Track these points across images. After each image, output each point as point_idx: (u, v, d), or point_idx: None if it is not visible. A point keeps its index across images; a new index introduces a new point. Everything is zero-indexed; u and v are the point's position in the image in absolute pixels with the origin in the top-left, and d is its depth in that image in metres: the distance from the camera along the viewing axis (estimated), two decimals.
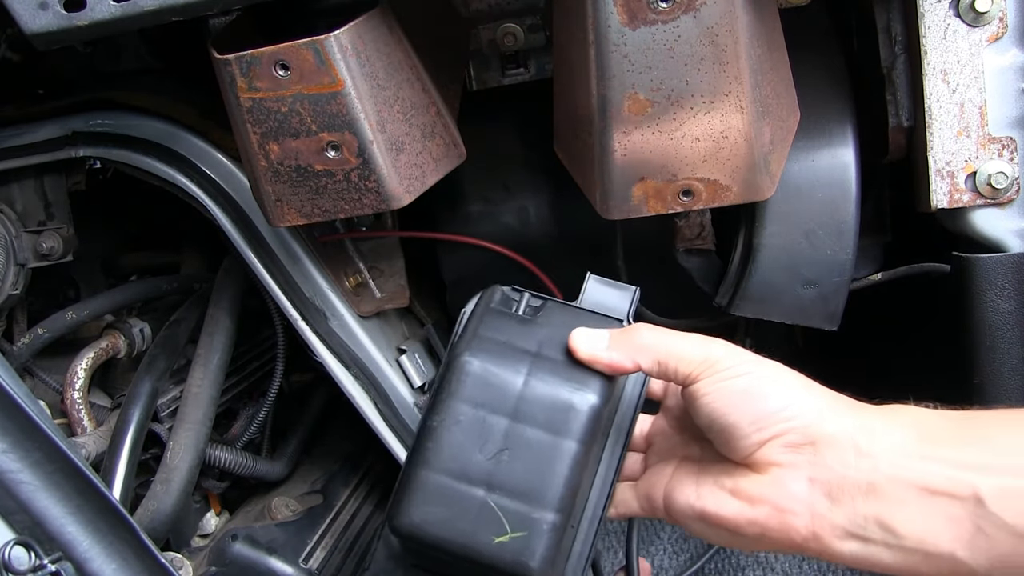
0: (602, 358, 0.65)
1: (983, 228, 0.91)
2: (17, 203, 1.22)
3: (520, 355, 0.65)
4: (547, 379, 0.64)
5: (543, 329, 0.68)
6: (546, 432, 0.62)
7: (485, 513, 0.61)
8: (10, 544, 0.69)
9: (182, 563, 1.12)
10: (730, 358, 0.61)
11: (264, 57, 0.78)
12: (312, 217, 0.90)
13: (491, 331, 0.66)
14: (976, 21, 0.86)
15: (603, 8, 0.74)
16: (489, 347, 0.65)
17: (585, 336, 0.66)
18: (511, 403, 0.63)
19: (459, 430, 0.62)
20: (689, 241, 1.09)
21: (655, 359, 0.63)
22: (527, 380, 0.64)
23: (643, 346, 0.64)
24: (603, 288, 0.74)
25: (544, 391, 0.63)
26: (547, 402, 0.63)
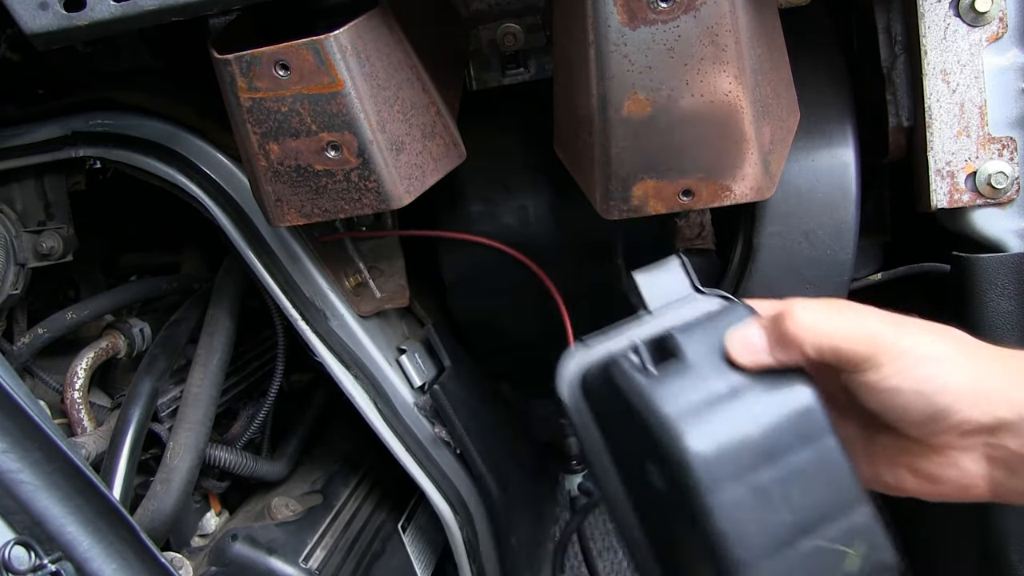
0: (769, 363, 0.61)
1: (983, 228, 0.91)
2: (17, 203, 1.22)
3: (716, 403, 0.59)
4: (758, 406, 0.59)
5: (696, 364, 0.61)
6: (803, 446, 0.59)
7: (822, 556, 0.58)
8: (10, 544, 0.69)
9: (182, 563, 1.12)
10: (897, 342, 0.58)
11: (264, 57, 0.78)
12: (312, 217, 0.90)
13: (668, 403, 0.59)
14: (976, 21, 0.86)
15: (603, 8, 0.74)
16: (689, 420, 0.58)
17: (740, 344, 0.61)
18: (755, 448, 0.58)
19: (744, 512, 0.57)
20: (689, 241, 1.09)
21: (818, 350, 0.59)
22: (749, 423, 0.59)
23: (803, 339, 0.59)
24: (653, 277, 0.68)
25: (769, 418, 0.59)
26: (781, 424, 0.59)
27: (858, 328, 0.59)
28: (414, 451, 1.15)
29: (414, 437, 1.15)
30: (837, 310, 0.61)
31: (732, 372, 0.60)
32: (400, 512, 1.42)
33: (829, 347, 0.59)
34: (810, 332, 0.59)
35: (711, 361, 0.61)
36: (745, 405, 0.59)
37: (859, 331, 0.59)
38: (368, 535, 1.32)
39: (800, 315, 0.60)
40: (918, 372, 0.57)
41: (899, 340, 0.58)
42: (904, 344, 0.58)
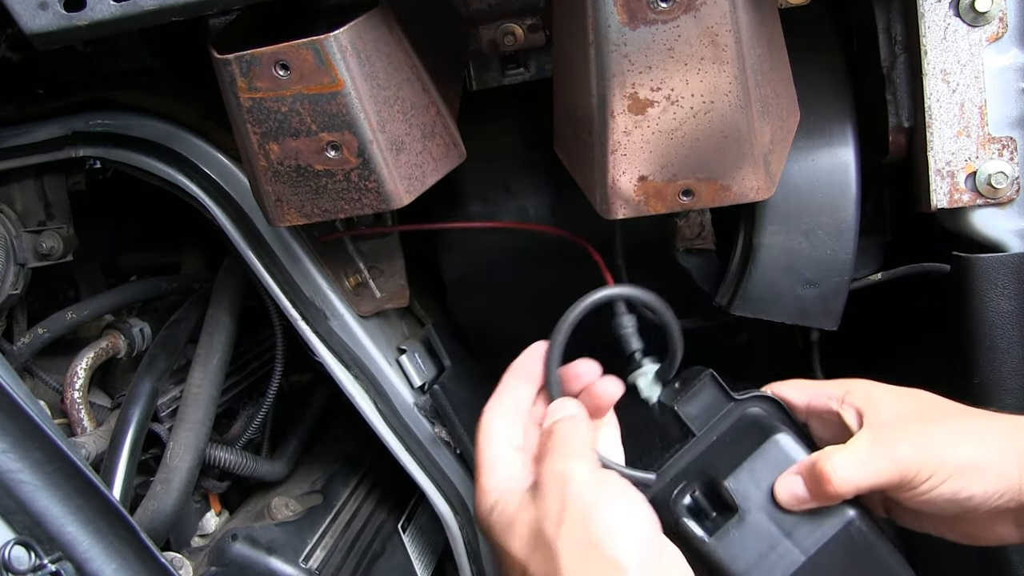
0: (811, 507, 0.69)
1: (983, 228, 0.91)
2: (17, 203, 1.22)
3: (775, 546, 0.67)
4: (811, 540, 0.67)
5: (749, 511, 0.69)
6: (853, 565, 0.67)
7: None
8: (10, 544, 0.69)
9: (182, 563, 1.12)
10: (925, 466, 0.65)
11: (264, 57, 0.78)
12: (312, 217, 0.90)
13: (737, 561, 0.67)
14: (976, 21, 0.86)
15: (603, 8, 0.74)
16: (757, 569, 0.67)
17: (788, 496, 0.69)
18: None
19: None
20: (689, 241, 1.09)
21: (855, 491, 0.67)
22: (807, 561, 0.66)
23: (840, 493, 0.66)
24: (692, 402, 0.75)
25: (827, 550, 0.67)
26: (835, 550, 0.67)
27: (889, 465, 0.66)
28: (414, 451, 1.15)
29: (414, 437, 1.15)
30: (869, 451, 0.67)
31: (785, 515, 0.68)
32: (400, 512, 1.42)
33: (867, 488, 0.66)
34: (847, 484, 0.66)
35: (762, 505, 0.69)
36: (800, 543, 0.67)
37: (890, 467, 0.66)
38: (368, 535, 1.32)
39: (838, 474, 0.67)
40: (947, 488, 0.64)
41: (928, 461, 0.65)
42: (933, 464, 0.65)
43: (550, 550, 0.61)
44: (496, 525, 0.67)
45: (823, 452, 0.68)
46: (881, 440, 0.67)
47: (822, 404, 0.74)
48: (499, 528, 0.66)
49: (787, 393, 0.76)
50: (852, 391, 0.73)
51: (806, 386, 0.76)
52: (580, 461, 0.66)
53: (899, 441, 0.67)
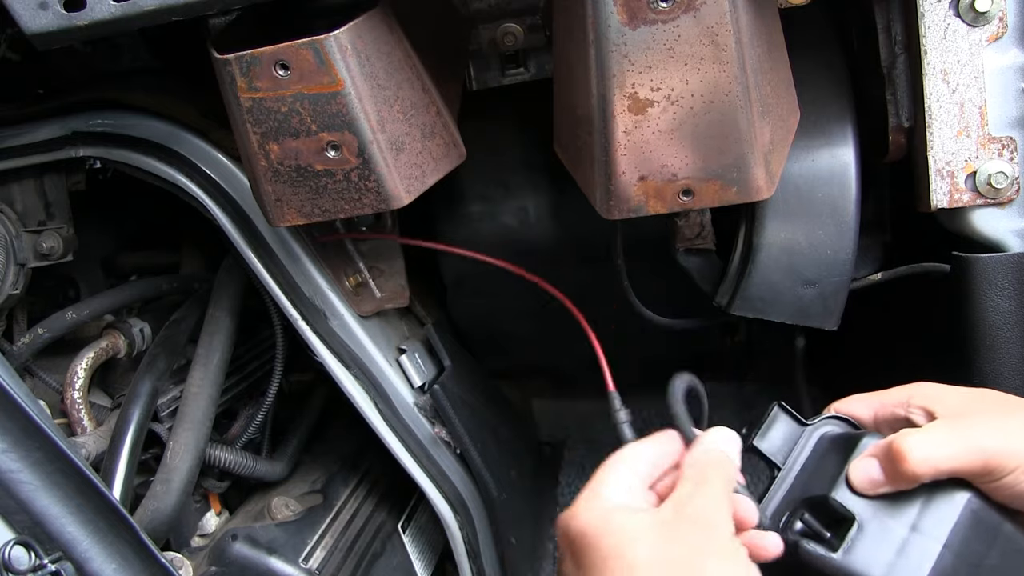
0: (886, 491, 0.67)
1: (983, 228, 0.91)
2: (17, 203, 1.22)
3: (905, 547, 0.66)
4: (940, 531, 0.65)
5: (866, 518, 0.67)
6: (990, 547, 0.65)
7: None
8: (10, 544, 0.69)
9: (182, 563, 1.12)
10: (1008, 459, 0.63)
11: (264, 57, 0.78)
12: (312, 217, 0.90)
13: (871, 570, 0.66)
14: (976, 21, 0.86)
15: (603, 8, 0.74)
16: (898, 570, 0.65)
17: (860, 472, 0.68)
18: (965, 566, 0.64)
19: None
20: (689, 241, 1.09)
21: (936, 475, 0.65)
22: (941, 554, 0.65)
23: (917, 474, 0.65)
24: (768, 436, 0.75)
25: (956, 538, 0.65)
26: (967, 537, 0.65)
27: (970, 450, 0.64)
28: (414, 451, 1.15)
29: (414, 437, 1.15)
30: (947, 435, 0.66)
31: (902, 512, 0.66)
32: (400, 512, 1.42)
33: (947, 471, 0.65)
34: (925, 464, 0.65)
35: (877, 509, 0.67)
36: (929, 537, 0.65)
37: (972, 453, 0.64)
38: (368, 535, 1.32)
39: (912, 450, 0.65)
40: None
41: (1013, 455, 0.63)
42: (1018, 456, 0.63)
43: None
44: (610, 530, 0.62)
45: (899, 433, 0.67)
46: (959, 426, 0.66)
47: (888, 413, 0.73)
48: (612, 535, 0.62)
49: (852, 408, 0.76)
50: (915, 394, 0.72)
51: (868, 398, 0.75)
52: (725, 513, 0.63)
53: (979, 428, 0.65)
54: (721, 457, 0.67)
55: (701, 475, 0.65)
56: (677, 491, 0.64)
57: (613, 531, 0.61)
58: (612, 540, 0.61)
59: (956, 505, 0.65)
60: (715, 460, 0.67)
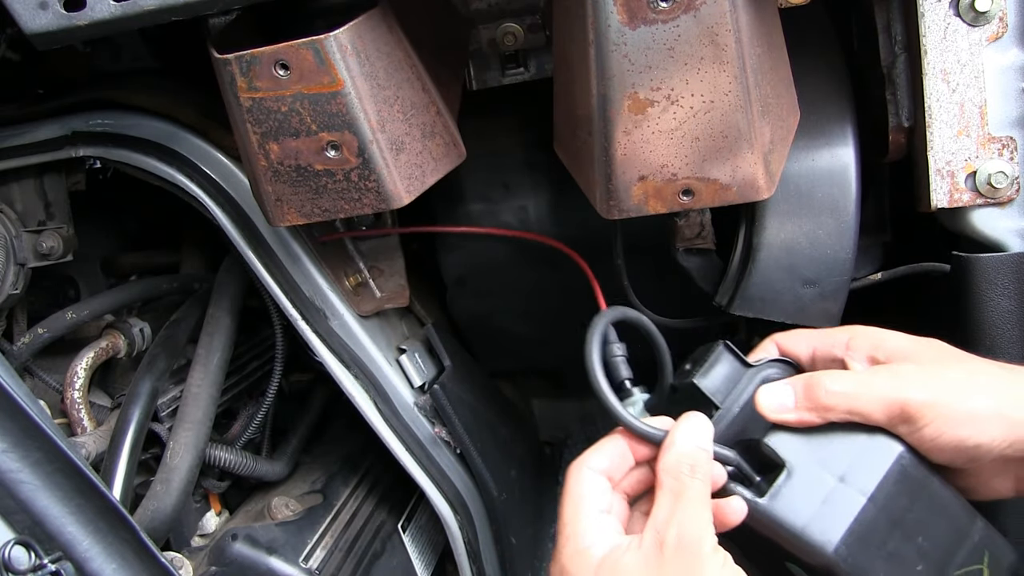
0: (791, 419, 0.67)
1: (983, 228, 0.91)
2: (17, 203, 1.22)
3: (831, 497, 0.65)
4: (865, 484, 0.65)
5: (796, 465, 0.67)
6: (914, 501, 0.65)
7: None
8: (10, 544, 0.69)
9: (182, 563, 1.12)
10: (927, 408, 0.63)
11: (264, 57, 0.78)
12: (312, 217, 0.90)
13: (794, 516, 0.65)
14: (976, 21, 0.86)
15: (603, 8, 0.74)
16: (817, 526, 0.65)
17: (770, 396, 0.68)
18: (879, 523, 0.64)
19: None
20: (689, 241, 1.09)
21: (843, 415, 0.65)
22: (866, 505, 0.65)
23: (828, 405, 0.65)
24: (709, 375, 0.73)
25: (880, 491, 0.65)
26: (890, 491, 0.65)
27: (888, 395, 0.64)
28: (414, 451, 1.15)
29: (414, 437, 1.15)
30: (871, 376, 0.66)
31: (832, 462, 0.66)
32: (400, 512, 1.42)
33: (857, 414, 0.65)
34: (838, 399, 0.65)
35: (808, 457, 0.67)
36: (856, 490, 0.65)
37: (890, 398, 0.64)
38: (368, 535, 1.32)
39: (829, 382, 0.66)
40: (955, 433, 0.63)
41: (933, 403, 0.63)
42: (938, 407, 0.63)
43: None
44: None
45: (821, 371, 0.67)
46: (884, 371, 0.66)
47: (827, 352, 0.72)
48: None
49: (792, 343, 0.75)
50: (856, 336, 0.71)
51: (809, 335, 0.74)
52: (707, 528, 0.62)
53: (904, 376, 0.65)
54: (696, 459, 0.65)
55: (678, 486, 0.64)
56: (656, 510, 0.64)
57: None
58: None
59: (886, 459, 0.65)
60: (689, 464, 0.65)
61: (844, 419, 0.66)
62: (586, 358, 0.69)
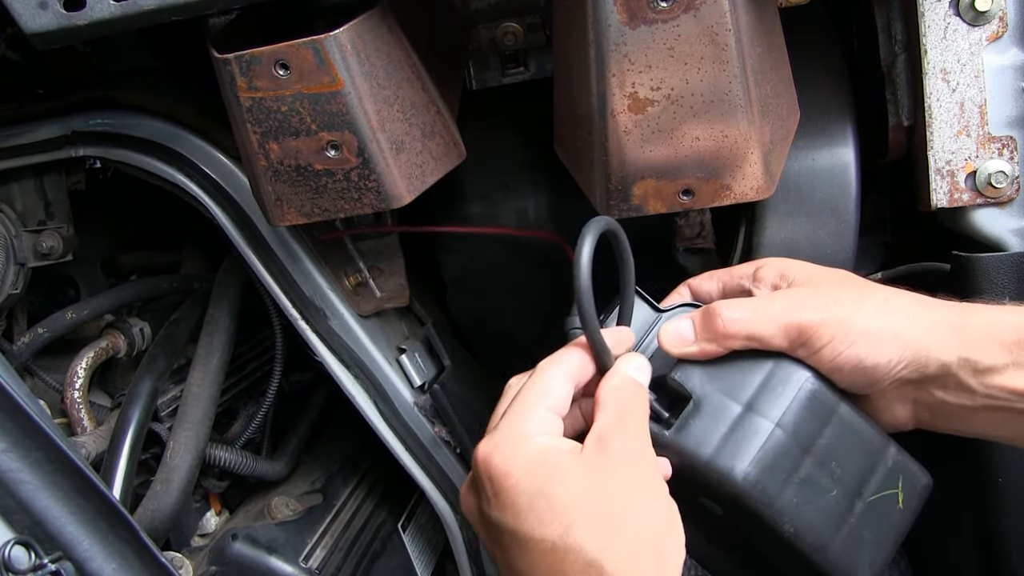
0: (692, 351, 0.67)
1: (983, 227, 0.91)
2: (17, 203, 1.22)
3: (739, 425, 0.64)
4: (774, 411, 0.64)
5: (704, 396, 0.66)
6: (825, 426, 0.64)
7: (877, 507, 0.64)
8: (10, 544, 0.69)
9: (182, 563, 1.12)
10: (823, 329, 0.63)
11: (264, 56, 0.78)
12: (312, 216, 0.90)
13: (702, 447, 0.64)
14: (976, 20, 0.86)
15: (603, 7, 0.74)
16: (725, 454, 0.64)
17: (671, 331, 0.68)
18: (789, 449, 0.63)
19: (803, 507, 0.63)
20: (689, 240, 1.09)
21: (743, 342, 0.65)
22: (774, 431, 0.64)
23: (727, 333, 0.65)
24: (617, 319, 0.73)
25: (789, 417, 0.64)
26: (800, 416, 0.64)
27: (786, 320, 0.64)
28: (414, 451, 1.15)
29: (414, 437, 1.15)
30: (767, 301, 0.66)
31: (739, 391, 0.65)
32: (400, 512, 1.42)
33: (756, 339, 0.65)
34: (735, 325, 0.65)
35: (715, 388, 0.66)
36: (764, 416, 0.64)
37: (787, 323, 0.64)
38: (368, 535, 1.32)
39: (725, 310, 0.66)
40: (853, 352, 0.63)
41: (829, 324, 0.63)
42: (835, 327, 0.63)
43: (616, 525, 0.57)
44: (537, 469, 0.60)
45: (718, 301, 0.67)
46: (780, 295, 0.66)
47: (736, 285, 0.73)
48: (538, 474, 0.59)
49: (703, 285, 0.75)
50: (762, 266, 0.72)
51: (718, 273, 0.75)
52: (648, 449, 0.62)
53: (800, 298, 0.65)
54: (637, 389, 0.65)
55: (621, 408, 0.63)
56: (597, 424, 0.62)
57: (539, 470, 0.59)
58: (539, 480, 0.59)
59: (792, 384, 0.64)
60: (631, 392, 0.64)
61: (745, 346, 0.65)
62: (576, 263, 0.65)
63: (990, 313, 0.63)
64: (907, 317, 0.63)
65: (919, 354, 0.62)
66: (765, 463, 0.62)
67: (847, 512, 0.63)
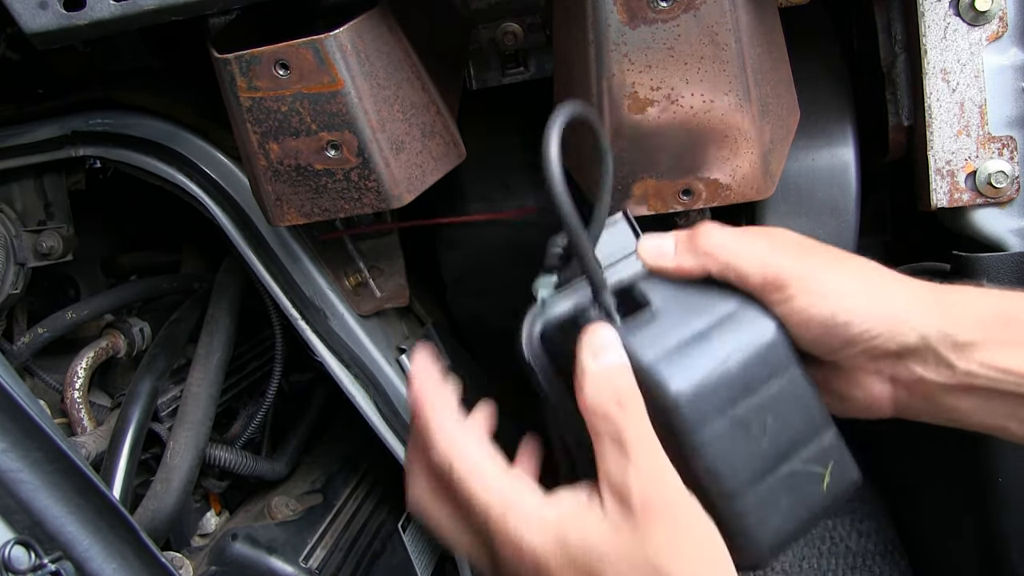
0: (667, 265, 0.65)
1: (983, 227, 0.91)
2: (17, 202, 1.22)
3: (689, 345, 0.60)
4: (730, 344, 0.61)
5: (663, 310, 0.63)
6: (773, 377, 0.61)
7: (799, 478, 0.61)
8: (10, 544, 0.69)
9: (182, 563, 1.12)
10: (804, 276, 0.61)
11: (264, 56, 0.78)
12: (312, 216, 0.90)
13: (645, 350, 0.60)
14: (976, 20, 0.86)
15: (603, 7, 0.74)
16: (668, 363, 0.59)
17: (651, 244, 0.66)
18: (732, 384, 0.60)
19: (729, 445, 0.59)
20: None
21: (720, 267, 0.63)
22: (722, 360, 0.60)
23: (708, 252, 0.63)
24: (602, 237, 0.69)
25: (742, 354, 0.60)
26: (752, 358, 0.61)
27: (765, 259, 0.62)
28: None
29: None
30: (752, 237, 0.64)
31: (700, 316, 0.62)
32: (400, 512, 1.42)
33: (733, 269, 0.62)
34: (717, 249, 0.63)
35: (677, 307, 0.63)
36: (717, 344, 0.61)
37: (766, 262, 0.62)
38: (368, 534, 1.32)
39: (711, 233, 0.64)
40: (826, 305, 0.60)
41: (806, 274, 0.61)
42: (811, 279, 0.61)
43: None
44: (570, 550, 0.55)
45: (705, 223, 0.66)
46: (769, 236, 0.64)
47: None
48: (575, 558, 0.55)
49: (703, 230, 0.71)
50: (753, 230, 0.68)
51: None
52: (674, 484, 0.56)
53: (788, 245, 0.63)
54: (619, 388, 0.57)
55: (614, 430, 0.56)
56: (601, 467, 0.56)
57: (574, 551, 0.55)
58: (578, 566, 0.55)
59: (754, 329, 0.61)
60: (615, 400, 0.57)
61: (721, 274, 0.63)
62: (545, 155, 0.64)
63: (969, 292, 0.62)
64: (888, 286, 0.62)
65: (897, 322, 0.60)
66: (704, 387, 0.58)
67: (770, 470, 0.60)
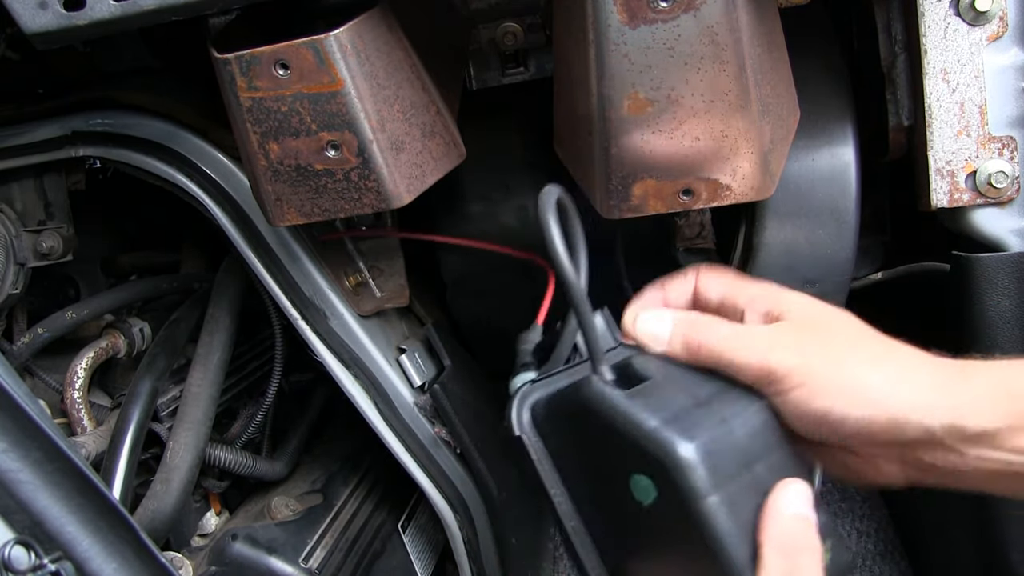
0: (657, 350, 0.66)
1: (983, 227, 0.91)
2: (17, 203, 1.22)
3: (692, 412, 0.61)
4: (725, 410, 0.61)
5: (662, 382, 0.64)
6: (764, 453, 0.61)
7: None
8: (10, 544, 0.69)
9: (182, 563, 1.12)
10: (797, 373, 0.60)
11: (264, 56, 0.78)
12: (312, 216, 0.90)
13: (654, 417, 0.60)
14: (976, 20, 0.86)
15: (603, 7, 0.74)
16: (677, 428, 0.59)
17: (649, 323, 0.66)
18: (742, 454, 0.60)
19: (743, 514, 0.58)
20: (689, 240, 1.09)
21: (713, 364, 0.63)
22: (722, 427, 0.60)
23: (700, 352, 0.63)
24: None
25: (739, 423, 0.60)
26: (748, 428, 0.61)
27: (765, 355, 0.61)
28: (414, 451, 1.15)
29: (414, 437, 1.15)
30: (747, 335, 0.63)
31: (698, 387, 0.63)
32: (400, 512, 1.42)
33: (727, 367, 0.62)
34: (713, 350, 0.63)
35: (674, 381, 0.64)
36: (716, 413, 0.60)
37: (759, 359, 0.61)
38: (368, 535, 1.32)
39: (708, 332, 0.63)
40: (821, 402, 0.59)
41: (805, 369, 0.60)
42: (809, 374, 0.60)
43: None
44: None
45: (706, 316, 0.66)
46: (766, 332, 0.63)
47: (732, 302, 0.69)
48: None
49: (709, 284, 0.72)
50: (763, 296, 0.67)
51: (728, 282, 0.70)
52: None
53: (783, 337, 0.62)
54: (808, 541, 0.57)
55: (790, 568, 0.56)
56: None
57: None
58: None
59: (744, 405, 0.61)
60: (801, 544, 0.57)
61: (714, 368, 0.63)
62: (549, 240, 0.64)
63: (985, 374, 0.59)
64: (892, 377, 0.59)
65: (896, 418, 0.58)
66: (712, 449, 0.58)
67: None
